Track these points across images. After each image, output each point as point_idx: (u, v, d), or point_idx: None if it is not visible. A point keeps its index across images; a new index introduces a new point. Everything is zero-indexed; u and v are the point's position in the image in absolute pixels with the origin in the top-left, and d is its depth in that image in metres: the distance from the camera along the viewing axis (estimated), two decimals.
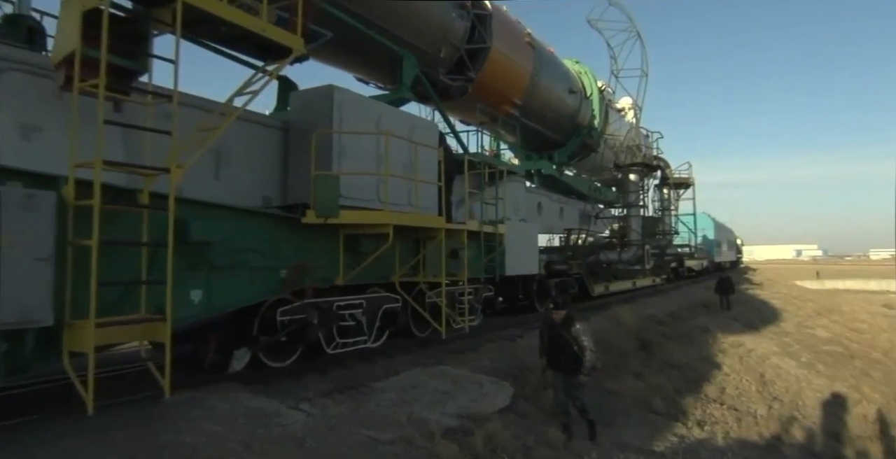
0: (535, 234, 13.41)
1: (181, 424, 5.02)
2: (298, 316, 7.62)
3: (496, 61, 13.00)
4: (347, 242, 8.11)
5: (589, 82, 18.51)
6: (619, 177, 19.47)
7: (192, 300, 6.17)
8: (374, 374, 7.65)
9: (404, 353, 9.20)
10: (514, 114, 14.74)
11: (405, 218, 7.93)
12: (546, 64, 15.51)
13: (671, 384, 10.01)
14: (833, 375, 14.76)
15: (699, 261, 38.50)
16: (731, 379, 11.88)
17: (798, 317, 22.80)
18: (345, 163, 7.95)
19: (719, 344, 14.03)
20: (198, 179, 7.23)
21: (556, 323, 6.86)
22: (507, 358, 9.11)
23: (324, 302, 8.06)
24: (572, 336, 6.67)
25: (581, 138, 18.18)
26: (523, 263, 12.67)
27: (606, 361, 9.45)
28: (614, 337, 11.29)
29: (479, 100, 13.08)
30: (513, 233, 12.15)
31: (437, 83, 11.89)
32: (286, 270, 7.25)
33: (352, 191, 7.95)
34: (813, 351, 16.78)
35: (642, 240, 19.03)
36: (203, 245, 6.19)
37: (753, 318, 19.57)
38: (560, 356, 6.76)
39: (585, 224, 19.37)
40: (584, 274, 17.90)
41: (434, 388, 7.13)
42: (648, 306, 17.61)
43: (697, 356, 12.51)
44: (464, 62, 12.20)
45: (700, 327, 15.56)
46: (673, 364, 11.32)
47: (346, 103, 8.12)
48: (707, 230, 42.98)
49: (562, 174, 18.56)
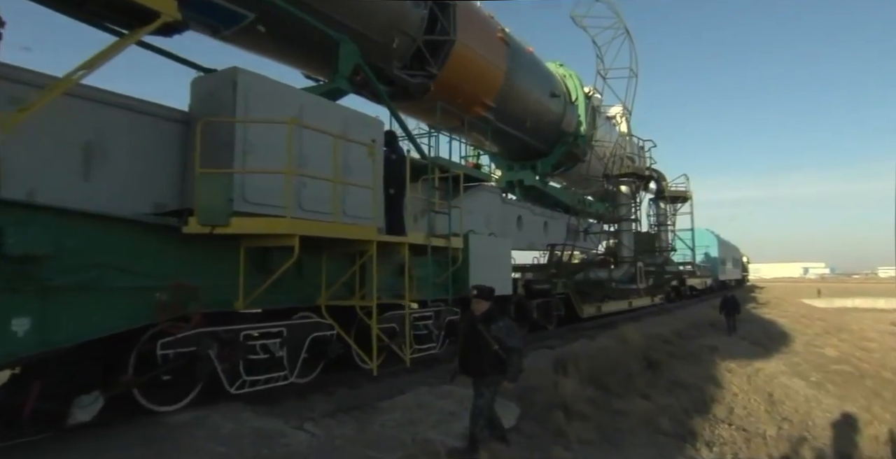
0: (508, 250, 11.94)
1: (185, 444, 5.07)
2: (186, 349, 6.17)
3: (462, 57, 11.65)
4: (253, 258, 6.66)
5: (574, 86, 17.15)
6: (610, 188, 18.04)
7: (13, 332, 4.71)
8: (379, 394, 7.53)
9: (409, 373, 9.03)
10: (488, 117, 13.37)
11: (316, 227, 6.47)
12: (523, 64, 14.17)
13: (679, 404, 9.77)
14: (843, 395, 14.52)
15: (702, 280, 36.92)
16: (740, 399, 11.63)
17: (806, 336, 22.53)
18: (252, 162, 6.54)
19: (727, 364, 13.75)
20: (58, 180, 5.84)
21: (476, 318, 5.64)
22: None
23: (225, 330, 6.60)
24: (492, 335, 5.49)
25: (566, 146, 16.77)
26: (493, 283, 11.13)
27: (613, 380, 9.59)
28: (620, 356, 11.16)
29: (446, 101, 11.70)
30: (480, 249, 10.69)
31: (393, 79, 10.55)
32: (163, 292, 5.79)
33: (259, 195, 6.53)
34: (822, 371, 16.53)
35: (635, 257, 17.53)
36: (28, 260, 4.74)
37: (761, 337, 19.23)
38: (475, 357, 5.59)
39: (574, 239, 17.91)
40: (572, 294, 16.41)
41: (440, 408, 7.02)
42: (654, 325, 17.34)
43: (705, 375, 12.29)
44: (423, 56, 10.85)
45: (707, 346, 15.29)
46: (680, 383, 11.08)
47: (255, 90, 6.73)
48: (710, 247, 41.45)
49: (546, 185, 17.14)
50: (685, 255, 29.17)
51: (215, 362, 6.45)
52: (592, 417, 7.78)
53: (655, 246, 22.88)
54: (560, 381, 8.57)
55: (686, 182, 24.98)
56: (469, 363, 5.68)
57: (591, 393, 8.62)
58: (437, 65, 11.18)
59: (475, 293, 5.72)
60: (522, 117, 14.53)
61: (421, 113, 12.89)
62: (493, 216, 12.91)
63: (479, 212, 12.31)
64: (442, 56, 11.19)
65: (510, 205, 14.76)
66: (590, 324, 17.24)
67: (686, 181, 25.02)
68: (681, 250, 27.91)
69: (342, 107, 8.15)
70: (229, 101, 6.54)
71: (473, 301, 5.70)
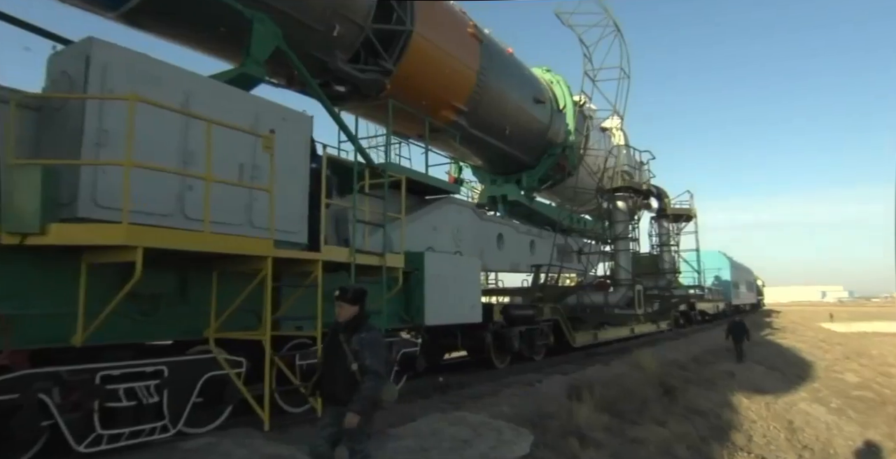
0: (476, 271, 10.41)
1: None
2: (7, 397, 4.69)
3: (422, 51, 10.29)
4: (107, 278, 5.20)
5: (562, 93, 15.71)
6: (605, 205, 16.51)
7: None
8: (390, 420, 7.19)
9: (422, 398, 8.79)
10: (459, 122, 11.97)
11: (172, 238, 4.99)
12: (500, 64, 12.80)
13: (696, 431, 9.63)
14: (865, 422, 14.45)
15: (714, 304, 35.02)
16: (759, 427, 11.47)
17: (825, 361, 22.40)
18: (111, 156, 5.13)
19: (745, 390, 13.59)
20: None
21: (338, 326, 4.29)
22: (527, 403, 8.75)
23: (71, 371, 5.12)
24: (352, 349, 4.10)
25: (554, 158, 15.29)
26: (456, 308, 9.66)
27: (628, 407, 9.40)
28: (636, 382, 11.03)
29: (408, 102, 10.34)
30: (438, 269, 9.19)
31: (338, 73, 9.20)
32: None
33: (117, 198, 5.10)
34: (843, 397, 16.41)
35: (633, 279, 15.91)
36: None
37: (779, 362, 19.06)
38: (329, 377, 4.24)
39: (566, 261, 16.36)
40: (562, 321, 14.81)
41: (452, 435, 6.82)
42: (670, 350, 17.09)
43: (722, 402, 12.10)
44: (374, 48, 9.51)
45: (724, 372, 15.03)
46: (697, 410, 10.88)
47: (117, 67, 5.36)
48: (722, 270, 39.64)
49: (532, 201, 15.65)
50: (694, 278, 27.53)
51: (55, 411, 4.97)
52: (607, 445, 7.66)
53: (658, 267, 21.19)
54: (574, 408, 8.47)
55: (690, 199, 23.37)
56: (323, 383, 4.27)
57: (606, 420, 8.49)
58: (393, 59, 9.82)
59: (337, 294, 4.25)
60: (500, 124, 13.11)
61: (374, 114, 11.51)
62: (464, 233, 11.42)
63: (444, 228, 10.84)
64: (398, 49, 9.84)
65: (488, 221, 13.27)
66: (604, 350, 16.62)
67: (690, 198, 23.41)
68: (689, 273, 26.20)
69: (254, 98, 6.76)
70: (79, 80, 5.17)
71: (336, 304, 4.24)
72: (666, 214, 22.38)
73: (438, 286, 9.14)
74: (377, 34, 9.41)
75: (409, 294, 8.99)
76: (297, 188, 6.96)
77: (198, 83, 6.11)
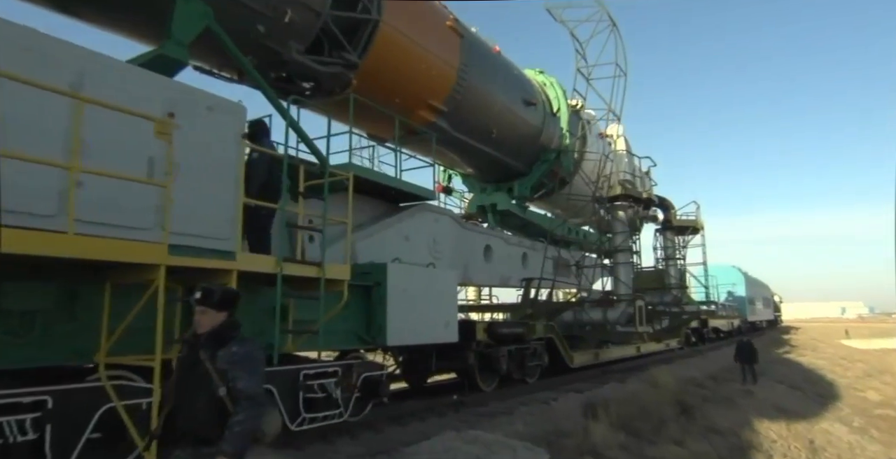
0: (452, 285, 9.38)
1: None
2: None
3: (392, 43, 9.41)
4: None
5: (556, 95, 14.74)
6: (604, 214, 15.45)
7: None
8: (405, 438, 7.32)
9: (436, 416, 8.78)
10: (439, 124, 11.05)
11: (19, 240, 4.02)
12: (484, 62, 11.89)
13: (715, 451, 9.49)
14: (889, 441, 14.29)
15: (728, 320, 33.58)
16: (779, 446, 11.23)
17: (847, 379, 22.01)
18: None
19: (764, 408, 13.26)
20: None
21: (198, 338, 3.22)
22: (542, 421, 8.68)
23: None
24: (218, 368, 3.07)
25: (547, 165, 14.29)
26: (426, 327, 8.65)
27: (645, 425, 9.30)
28: (652, 401, 10.86)
29: (376, 100, 9.44)
30: (404, 283, 8.19)
31: (294, 65, 8.33)
32: None
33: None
34: (865, 415, 16.17)
35: (634, 294, 14.81)
36: None
37: (798, 380, 18.70)
38: (187, 407, 3.12)
39: (562, 274, 15.30)
40: (558, 339, 13.73)
41: (466, 454, 6.74)
42: (686, 367, 16.82)
43: (741, 420, 11.80)
44: (335, 38, 8.63)
45: (743, 390, 14.76)
46: (716, 429, 10.67)
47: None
48: (737, 285, 38.27)
49: (525, 211, 14.65)
50: (704, 293, 26.31)
51: None
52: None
53: (664, 282, 20.03)
54: (590, 426, 8.37)
55: (696, 210, 22.20)
56: (178, 417, 3.16)
57: (622, 439, 8.40)
58: (358, 51, 8.94)
59: (198, 296, 3.22)
60: (486, 127, 12.16)
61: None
62: (443, 244, 10.43)
63: (418, 238, 9.86)
64: (363, 40, 8.95)
65: (474, 232, 12.26)
66: (618, 367, 16.20)
67: (696, 209, 22.24)
68: (698, 287, 24.98)
69: (171, 82, 5.84)
70: None
71: (197, 311, 3.22)
72: (671, 226, 21.25)
73: (405, 302, 8.14)
74: (338, 23, 8.54)
75: (370, 310, 8.00)
76: (224, 187, 6.03)
77: (95, 62, 5.20)
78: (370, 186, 9.12)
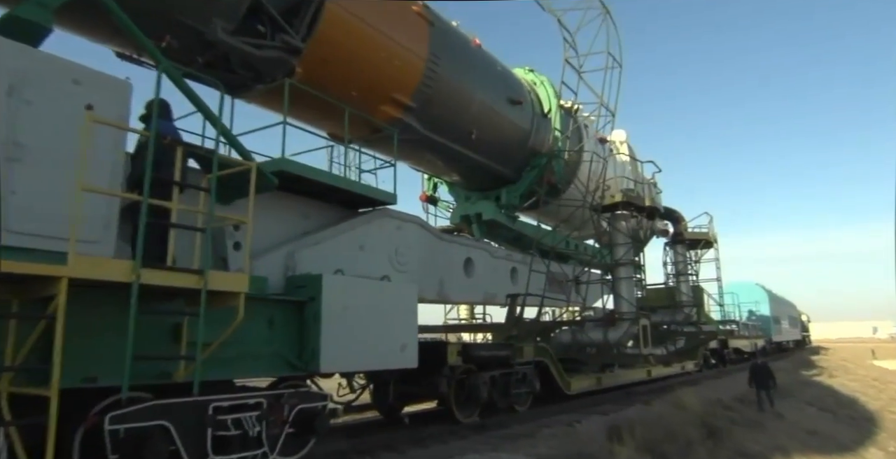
0: (411, 301, 8.10)
1: None
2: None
3: (342, 26, 8.29)
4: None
5: (546, 95, 13.53)
6: (601, 223, 14.11)
7: None
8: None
9: (458, 439, 8.66)
10: (408, 122, 9.87)
11: None
12: (459, 54, 10.72)
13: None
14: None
15: (751, 341, 31.64)
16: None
17: (880, 401, 21.06)
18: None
19: (795, 432, 12.99)
20: None
21: None
22: (565, 444, 8.49)
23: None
24: None
25: (538, 170, 13.01)
26: (375, 350, 7.38)
27: (671, 449, 9.19)
28: (678, 423, 10.69)
29: (329, 92, 8.33)
30: (345, 298, 6.95)
31: (223, 48, 7.23)
32: None
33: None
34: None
35: (637, 313, 13.40)
36: None
37: (829, 403, 18.00)
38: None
39: (559, 291, 13.97)
40: (552, 363, 12.37)
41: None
42: (713, 389, 16.41)
43: (771, 444, 11.45)
44: (273, 18, 7.53)
45: (772, 412, 14.41)
46: (745, 453, 10.54)
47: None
48: (760, 303, 36.41)
49: (514, 221, 13.37)
50: (724, 313, 24.64)
51: None
52: None
53: (675, 300, 18.51)
54: (615, 449, 8.33)
55: (709, 223, 20.66)
56: None
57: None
58: (301, 34, 7.83)
59: None
60: (464, 126, 10.94)
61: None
62: (407, 255, 9.17)
63: (376, 248, 8.63)
64: (305, 22, 7.85)
65: (451, 243, 10.99)
66: (643, 388, 15.96)
67: (709, 222, 20.70)
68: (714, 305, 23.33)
69: (20, 48, 4.73)
70: None
71: None
72: (682, 240, 19.76)
73: (346, 320, 6.91)
74: (275, 0, 7.45)
75: (303, 331, 6.77)
76: (95, 177, 4.87)
77: None
78: (323, 189, 7.98)
